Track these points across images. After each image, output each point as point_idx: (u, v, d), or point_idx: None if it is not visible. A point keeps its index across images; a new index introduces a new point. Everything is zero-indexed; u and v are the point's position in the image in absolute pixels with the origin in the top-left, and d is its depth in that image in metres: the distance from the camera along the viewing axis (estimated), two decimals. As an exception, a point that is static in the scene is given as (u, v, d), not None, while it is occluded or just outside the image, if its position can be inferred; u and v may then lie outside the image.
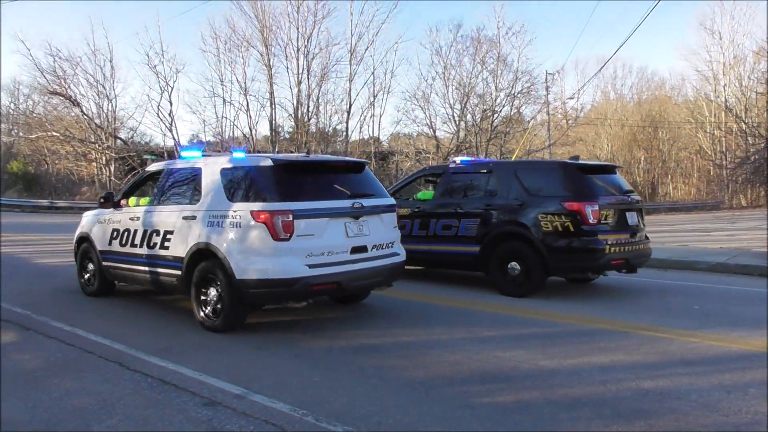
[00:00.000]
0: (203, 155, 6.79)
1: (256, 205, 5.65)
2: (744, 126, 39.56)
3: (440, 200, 8.89)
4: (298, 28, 34.13)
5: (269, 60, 34.06)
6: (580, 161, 8.44)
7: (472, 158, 10.13)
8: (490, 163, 9.28)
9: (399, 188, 10.13)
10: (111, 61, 35.80)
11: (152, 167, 7.77)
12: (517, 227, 7.88)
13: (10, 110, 44.31)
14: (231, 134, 36.10)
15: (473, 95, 35.03)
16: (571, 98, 41.30)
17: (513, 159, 20.82)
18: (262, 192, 5.75)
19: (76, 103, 35.09)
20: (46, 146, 38.07)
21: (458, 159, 9.71)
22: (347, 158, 7.96)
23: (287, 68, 34.75)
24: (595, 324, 6.21)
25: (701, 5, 75.77)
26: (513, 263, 7.86)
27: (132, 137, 39.44)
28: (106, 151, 35.29)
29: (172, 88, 34.09)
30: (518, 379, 4.50)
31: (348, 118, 35.83)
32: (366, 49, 35.61)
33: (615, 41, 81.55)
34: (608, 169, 8.62)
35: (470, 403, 3.99)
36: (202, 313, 6.04)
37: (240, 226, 5.68)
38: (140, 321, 6.51)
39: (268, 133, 36.59)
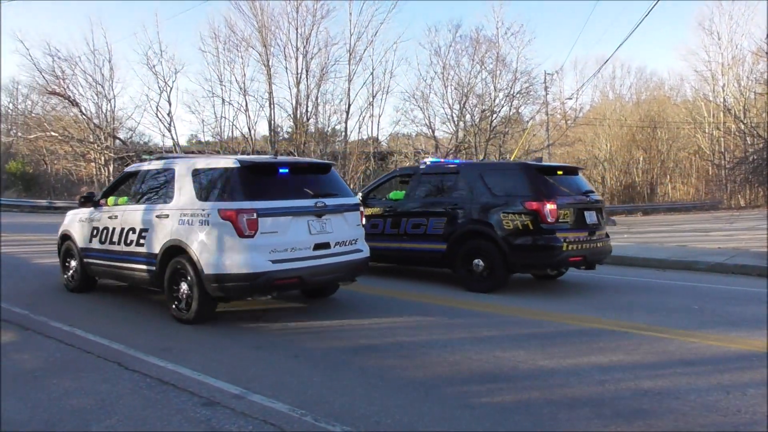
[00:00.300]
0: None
1: (223, 204, 6.02)
2: (743, 126, 39.57)
3: (411, 200, 9.19)
4: (297, 28, 34.10)
5: (268, 60, 34.04)
6: (541, 163, 8.81)
7: (441, 159, 10.41)
8: (458, 164, 9.59)
9: (373, 188, 10.41)
10: (110, 61, 35.80)
11: (130, 168, 8.10)
12: (481, 226, 8.22)
13: (9, 110, 44.31)
14: (230, 134, 36.09)
15: (472, 95, 35.05)
16: (570, 98, 41.39)
17: (512, 159, 20.83)
18: (229, 191, 6.11)
19: (74, 103, 35.05)
20: (45, 146, 38.02)
21: (428, 160, 10.05)
22: (313, 160, 8.38)
23: (286, 68, 34.74)
24: (594, 324, 6.21)
25: (700, 5, 75.68)
26: (477, 260, 8.20)
27: (131, 137, 39.41)
28: (105, 151, 35.27)
29: (171, 88, 34.12)
30: (518, 378, 4.50)
31: (347, 119, 35.81)
32: (365, 49, 35.62)
33: (614, 41, 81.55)
34: (569, 170, 8.91)
35: (470, 403, 3.99)
36: (174, 306, 6.39)
37: (208, 224, 6.03)
38: (139, 321, 6.50)
39: (267, 134, 36.57)
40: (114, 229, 7.26)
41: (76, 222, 8.15)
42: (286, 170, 6.53)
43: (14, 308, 6.92)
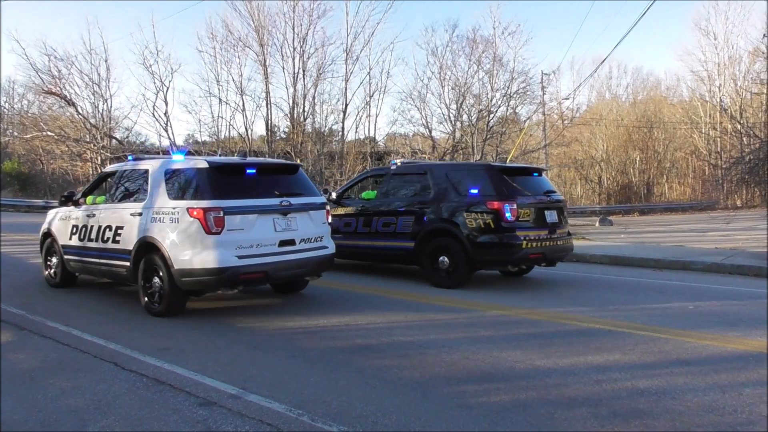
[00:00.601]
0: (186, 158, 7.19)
1: (192, 203, 6.35)
2: (739, 126, 39.66)
3: (382, 199, 9.52)
4: (293, 28, 34.05)
5: (265, 59, 33.99)
6: (504, 164, 9.24)
7: (412, 160, 10.72)
8: (426, 165, 9.87)
9: (348, 188, 10.77)
10: (107, 61, 35.66)
11: (108, 168, 8.49)
12: (446, 224, 8.55)
13: (5, 110, 44.13)
14: (227, 134, 36.02)
15: (469, 95, 35.02)
16: (567, 98, 41.52)
17: (508, 159, 20.88)
18: (198, 191, 6.44)
19: (71, 103, 34.93)
20: (41, 146, 37.90)
21: (399, 161, 10.34)
22: (281, 161, 8.85)
23: (283, 68, 34.68)
24: (590, 324, 6.22)
25: (696, 5, 76.09)
26: (443, 257, 8.53)
27: (127, 137, 39.30)
28: (102, 151, 35.14)
29: (168, 88, 33.99)
30: (514, 378, 4.51)
31: (344, 118, 35.77)
32: (362, 49, 35.58)
33: (611, 41, 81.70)
34: (532, 171, 9.30)
35: (467, 402, 3.99)
36: (146, 299, 6.70)
37: (178, 222, 6.37)
38: (136, 320, 6.48)
39: (264, 133, 36.50)
40: (92, 226, 7.57)
41: (57, 220, 8.46)
42: (254, 171, 6.83)
43: (11, 308, 6.90)
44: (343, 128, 36.35)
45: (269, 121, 35.18)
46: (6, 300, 7.33)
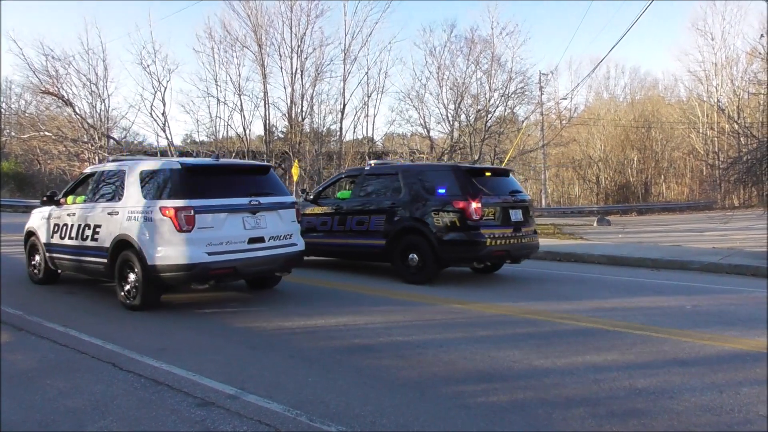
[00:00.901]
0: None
1: (164, 202, 6.66)
2: (736, 126, 39.71)
3: (356, 199, 9.84)
4: (291, 28, 34.06)
5: (263, 59, 33.97)
6: (471, 165, 9.64)
7: (386, 162, 11.28)
8: (397, 166, 10.14)
9: (325, 188, 11.08)
10: (104, 61, 35.58)
11: (88, 170, 8.68)
12: (416, 223, 8.87)
13: (2, 110, 44.00)
14: (225, 134, 35.97)
15: (467, 95, 35.02)
16: (565, 98, 41.53)
17: (506, 159, 20.90)
18: (170, 191, 6.75)
19: (68, 103, 34.82)
20: (39, 146, 37.79)
21: (372, 162, 10.66)
22: (252, 162, 9.28)
23: (281, 68, 34.67)
24: (589, 323, 6.23)
25: (694, 6, 76.12)
26: (412, 254, 8.87)
27: (125, 137, 39.25)
28: (99, 151, 35.06)
29: (165, 88, 33.91)
30: (513, 378, 4.51)
31: (342, 118, 35.77)
32: (360, 49, 35.61)
33: (608, 42, 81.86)
34: (498, 172, 9.76)
35: (465, 402, 3.99)
36: (123, 293, 7.00)
37: (152, 220, 6.68)
38: (134, 321, 6.48)
39: (262, 133, 36.47)
40: (72, 225, 7.87)
41: (39, 219, 8.76)
42: (224, 171, 7.29)
43: (8, 308, 6.89)
44: (341, 128, 36.39)
45: (267, 121, 35.19)
46: (4, 300, 7.31)
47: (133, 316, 6.69)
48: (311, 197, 10.60)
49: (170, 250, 6.54)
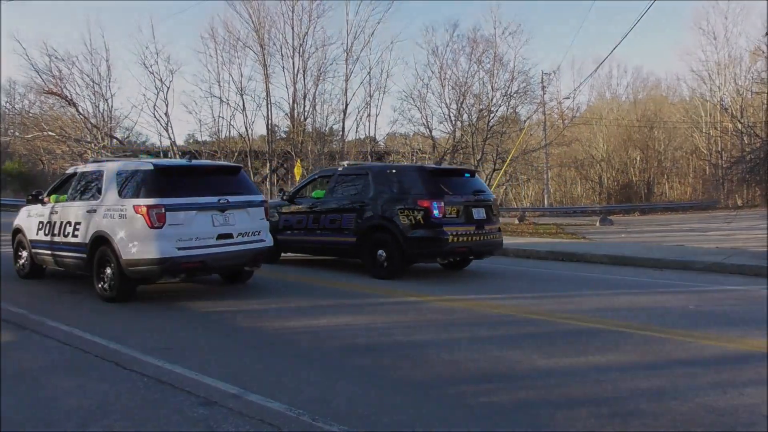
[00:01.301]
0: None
1: (137, 201, 7.09)
2: (739, 125, 39.65)
3: (329, 198, 10.23)
4: (293, 27, 34.08)
5: (265, 59, 33.99)
6: (437, 166, 10.09)
7: (357, 162, 11.79)
8: (367, 166, 10.55)
9: (301, 187, 11.51)
10: (107, 61, 35.67)
11: (70, 170, 9.06)
12: (383, 221, 9.25)
13: (6, 110, 44.11)
14: (228, 134, 35.98)
15: (469, 95, 34.94)
16: (567, 98, 41.44)
17: (508, 159, 20.93)
18: (143, 190, 7.17)
19: (72, 103, 34.92)
20: (42, 146, 37.88)
21: (345, 162, 11.20)
22: (223, 163, 10.06)
23: (283, 68, 34.68)
24: (591, 323, 6.22)
25: (696, 5, 76.01)
26: (380, 251, 9.25)
27: (128, 137, 39.34)
28: (102, 151, 35.14)
29: (168, 88, 33.93)
30: (516, 378, 4.51)
31: (344, 118, 35.75)
32: (362, 49, 35.59)
33: (611, 41, 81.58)
34: (463, 172, 10.21)
35: (468, 402, 3.99)
36: (100, 286, 7.41)
37: (126, 217, 7.12)
38: (138, 320, 6.49)
39: (265, 133, 36.47)
40: (55, 222, 8.30)
41: (25, 217, 9.21)
42: (195, 172, 7.73)
43: (12, 307, 6.90)
44: (343, 128, 36.38)
45: (270, 121, 35.18)
46: (7, 299, 7.33)
47: (137, 315, 6.71)
48: (288, 196, 11.08)
49: (143, 246, 6.95)
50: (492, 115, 33.29)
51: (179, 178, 7.47)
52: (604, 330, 5.96)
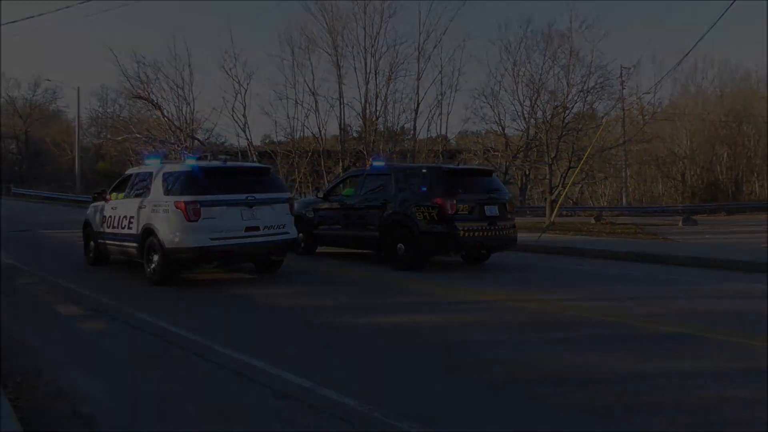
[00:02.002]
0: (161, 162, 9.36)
1: (177, 198, 8.18)
2: (841, 119, 36.69)
3: (358, 196, 11.05)
4: (365, 28, 34.35)
5: (338, 60, 34.48)
6: (453, 166, 11.11)
7: (384, 163, 12.60)
8: (389, 167, 11.50)
9: (334, 186, 12.36)
10: (189, 66, 37.27)
11: (127, 171, 10.46)
12: (402, 217, 10.00)
13: (99, 114, 47.00)
14: (302, 134, 36.78)
15: (544, 91, 34.09)
16: (648, 93, 39.58)
17: (584, 157, 20.31)
18: (183, 188, 8.27)
19: (157, 106, 36.76)
20: (131, 147, 40.08)
21: (374, 162, 12.10)
22: (253, 164, 11.57)
23: (354, 68, 35.03)
24: (671, 328, 5.95)
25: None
26: (400, 245, 9.93)
27: (208, 138, 40.94)
28: (185, 152, 36.69)
29: (246, 90, 35.08)
30: (590, 382, 4.38)
31: (416, 117, 35.66)
32: (434, 47, 35.40)
33: (695, 34, 77.39)
34: (480, 172, 11.36)
35: (541, 405, 3.93)
36: (149, 271, 8.46)
37: (168, 212, 8.21)
38: (214, 313, 6.79)
39: (338, 133, 37.02)
40: (114, 217, 9.50)
41: (92, 212, 10.51)
42: (228, 173, 8.82)
43: (104, 299, 7.38)
44: (414, 126, 36.32)
45: (342, 121, 35.65)
46: (102, 292, 7.84)
47: (214, 309, 7.02)
48: (322, 194, 11.95)
49: (182, 236, 8.04)
50: (567, 111, 32.35)
51: (214, 178, 8.48)
52: (685, 335, 5.70)
